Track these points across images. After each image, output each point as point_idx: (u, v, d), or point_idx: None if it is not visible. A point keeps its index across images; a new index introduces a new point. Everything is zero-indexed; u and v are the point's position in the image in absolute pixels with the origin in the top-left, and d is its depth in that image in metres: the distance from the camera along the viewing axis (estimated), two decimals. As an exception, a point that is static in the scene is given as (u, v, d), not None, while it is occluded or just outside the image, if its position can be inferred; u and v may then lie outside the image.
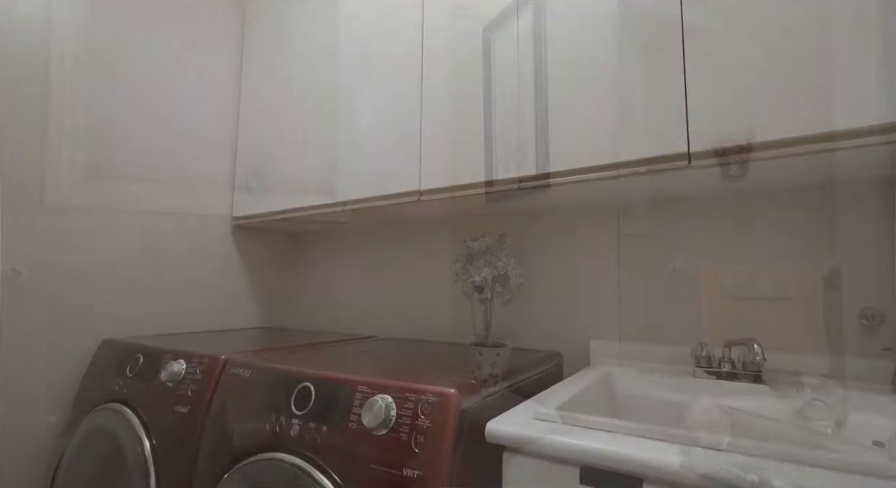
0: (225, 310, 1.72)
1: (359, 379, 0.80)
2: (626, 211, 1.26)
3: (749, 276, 1.08)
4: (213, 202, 1.71)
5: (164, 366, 1.06)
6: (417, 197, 1.26)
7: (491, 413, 0.76)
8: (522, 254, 1.42)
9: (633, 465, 0.58)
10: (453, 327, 1.53)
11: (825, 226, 1.02)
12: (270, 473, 0.80)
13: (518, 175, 1.09)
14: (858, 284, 0.98)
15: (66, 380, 1.29)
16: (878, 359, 0.92)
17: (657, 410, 0.99)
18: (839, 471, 0.51)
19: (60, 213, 1.30)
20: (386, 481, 0.70)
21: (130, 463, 0.99)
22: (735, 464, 0.53)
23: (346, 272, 1.85)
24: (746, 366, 0.96)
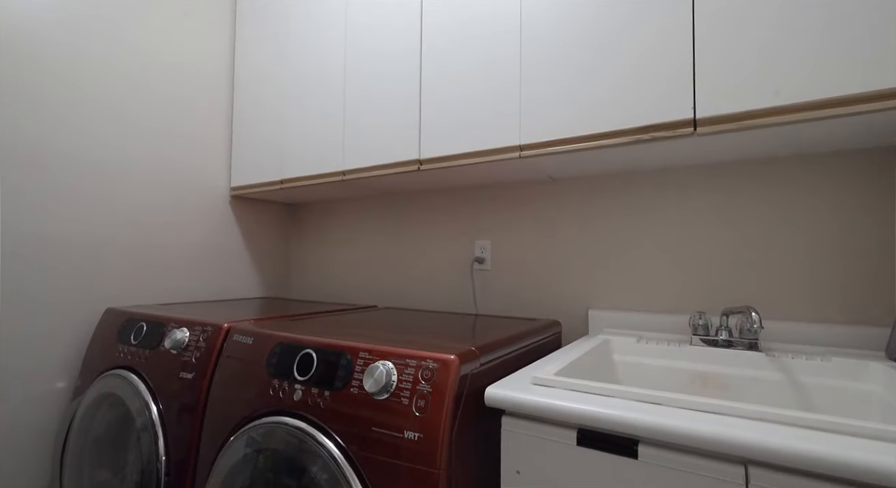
0: (225, 281, 1.74)
1: (360, 346, 0.81)
2: (626, 180, 1.25)
3: (748, 244, 1.08)
4: (210, 172, 1.69)
5: (168, 334, 1.08)
6: (417, 166, 1.24)
7: (490, 379, 0.78)
8: (522, 224, 1.42)
9: (629, 427, 0.59)
10: (453, 297, 1.54)
11: (826, 193, 1.01)
12: (274, 436, 0.82)
13: (519, 143, 1.08)
14: (857, 252, 0.98)
15: (72, 348, 1.31)
16: (874, 328, 0.93)
17: (654, 376, 1.01)
18: (831, 433, 0.52)
19: (55, 182, 1.29)
20: (387, 443, 0.72)
21: (139, 427, 1.02)
22: (731, 426, 0.54)
23: (347, 243, 1.85)
24: (744, 333, 0.97)
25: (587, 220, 1.31)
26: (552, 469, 0.66)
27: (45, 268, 1.26)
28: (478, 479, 0.75)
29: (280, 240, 1.99)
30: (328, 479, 0.75)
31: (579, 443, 0.64)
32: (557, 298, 1.34)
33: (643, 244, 1.22)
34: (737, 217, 1.11)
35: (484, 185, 1.50)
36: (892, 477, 0.45)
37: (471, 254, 1.52)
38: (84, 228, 1.34)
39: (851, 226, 0.99)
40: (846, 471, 0.47)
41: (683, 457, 0.56)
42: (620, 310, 1.22)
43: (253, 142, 1.67)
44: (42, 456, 1.25)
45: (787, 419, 0.55)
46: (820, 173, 1.03)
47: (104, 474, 1.14)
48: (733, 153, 1.04)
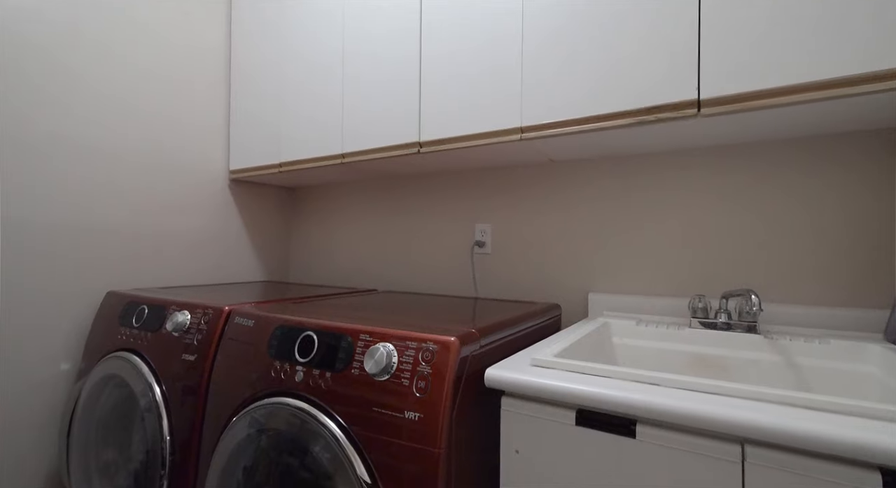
0: (225, 265, 1.74)
1: (360, 329, 0.82)
2: (628, 162, 1.24)
3: (748, 227, 1.08)
4: (209, 155, 1.68)
5: (169, 317, 1.08)
6: (417, 149, 1.23)
7: (490, 360, 0.79)
8: (523, 207, 1.41)
9: (627, 408, 0.60)
10: (453, 281, 1.55)
11: (827, 176, 1.01)
12: (277, 416, 0.83)
13: (521, 125, 1.06)
14: (858, 235, 0.97)
15: (75, 331, 1.32)
16: (872, 310, 0.94)
17: (652, 359, 1.02)
18: (827, 412, 0.53)
19: (53, 166, 1.28)
20: (388, 423, 0.73)
21: (143, 408, 1.03)
22: (728, 406, 0.55)
23: (347, 227, 1.85)
24: (743, 316, 0.97)
25: (588, 204, 1.30)
26: (551, 448, 0.67)
27: (45, 253, 1.26)
28: (478, 458, 0.76)
29: (280, 224, 1.98)
30: (330, 459, 0.76)
31: (578, 423, 0.65)
32: (557, 282, 1.35)
33: (644, 228, 1.22)
34: (738, 200, 1.10)
35: (484, 168, 1.49)
36: (887, 455, 0.46)
37: (471, 237, 1.52)
38: (83, 213, 1.34)
39: (852, 209, 0.98)
40: (841, 450, 0.48)
41: (680, 437, 0.57)
42: (620, 294, 1.23)
43: (251, 125, 1.65)
44: (49, 436, 1.27)
45: (783, 399, 0.56)
46: (821, 156, 1.02)
47: (110, 453, 1.16)
48: (735, 135, 1.03)
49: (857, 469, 0.48)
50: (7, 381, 1.19)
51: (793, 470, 0.51)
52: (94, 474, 1.16)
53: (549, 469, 0.67)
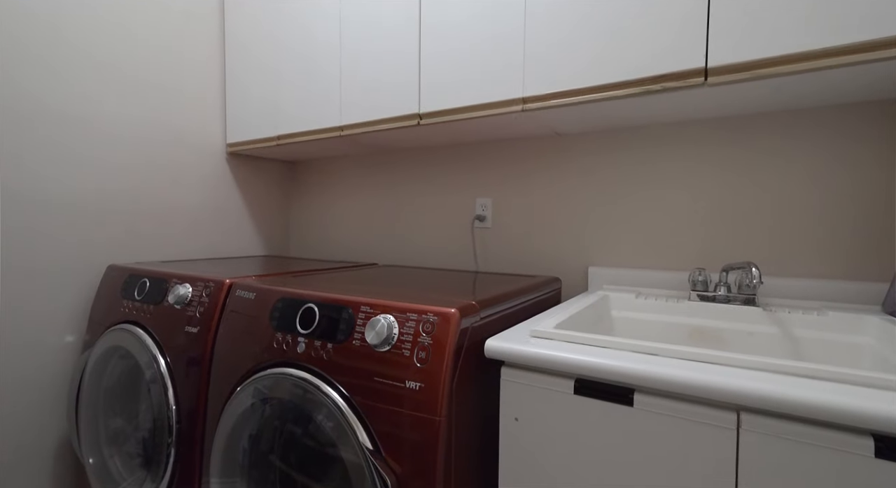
0: (224, 240, 1.74)
1: (361, 301, 0.82)
2: (630, 135, 1.22)
3: (750, 200, 1.07)
4: (205, 128, 1.65)
5: (171, 290, 1.09)
6: (417, 120, 1.21)
7: (490, 332, 0.79)
8: (524, 181, 1.40)
9: (625, 377, 0.60)
10: (454, 255, 1.55)
11: (829, 148, 0.99)
12: (280, 386, 0.84)
13: (523, 95, 1.04)
14: (859, 207, 0.97)
15: (78, 304, 1.33)
16: (873, 283, 0.94)
17: (651, 331, 1.03)
18: (820, 380, 0.53)
19: (49, 139, 1.26)
20: (390, 393, 0.74)
21: (149, 379, 1.05)
22: (724, 375, 0.55)
23: (347, 201, 1.84)
24: (742, 289, 0.97)
25: (589, 177, 1.29)
26: (549, 416, 0.68)
27: (44, 226, 1.26)
28: (477, 426, 0.78)
29: (279, 198, 1.97)
30: (333, 427, 0.78)
31: (576, 392, 0.66)
32: (558, 256, 1.35)
33: (645, 201, 1.21)
34: (740, 173, 1.09)
35: (486, 141, 1.47)
36: (879, 420, 0.46)
37: (472, 211, 1.51)
38: (81, 185, 1.33)
39: (855, 181, 0.97)
40: (834, 416, 0.48)
41: (677, 404, 0.58)
42: (620, 267, 1.23)
43: (247, 97, 1.62)
44: (58, 404, 1.30)
45: (778, 368, 0.56)
46: (824, 127, 1.00)
47: (118, 422, 1.19)
48: (739, 106, 1.01)
49: (849, 435, 0.49)
50: (13, 353, 1.21)
51: (786, 437, 0.52)
52: (103, 441, 1.19)
53: (548, 436, 0.68)
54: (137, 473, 1.11)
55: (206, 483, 0.94)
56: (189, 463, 0.99)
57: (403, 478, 0.71)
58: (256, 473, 0.92)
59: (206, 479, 0.94)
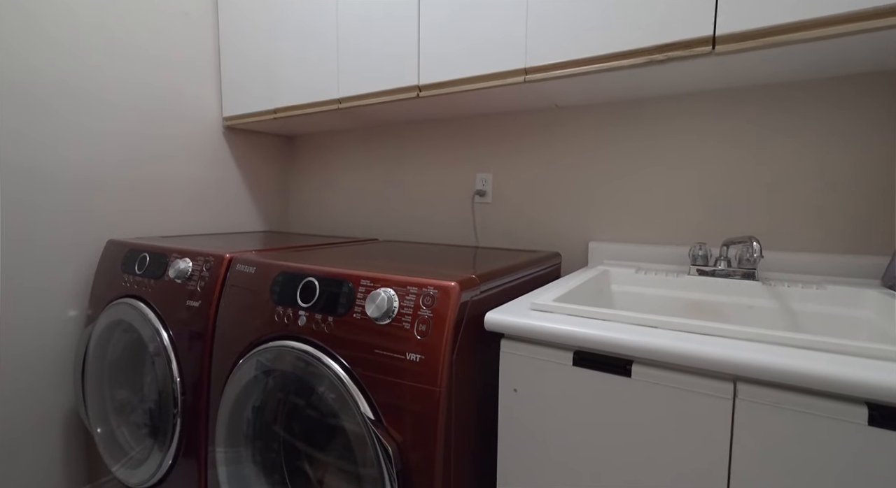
0: (223, 215, 1.73)
1: (361, 274, 0.82)
2: (633, 108, 1.20)
3: (751, 174, 1.06)
4: (201, 101, 1.62)
5: (171, 264, 1.09)
6: (416, 92, 1.19)
7: (489, 306, 0.79)
8: (524, 155, 1.38)
9: (624, 348, 0.61)
10: (454, 230, 1.54)
11: (831, 120, 0.98)
12: (282, 359, 0.85)
13: (525, 66, 1.01)
14: (861, 181, 0.96)
15: (79, 278, 1.33)
16: (873, 257, 0.94)
17: (650, 305, 1.03)
18: (816, 351, 0.54)
19: (43, 110, 1.24)
20: (390, 365, 0.75)
21: (153, 352, 1.06)
22: (721, 346, 0.56)
23: (346, 177, 1.82)
24: (742, 263, 0.97)
25: (590, 151, 1.27)
26: (548, 387, 0.69)
27: (43, 200, 1.25)
28: (477, 397, 0.79)
29: (278, 173, 1.95)
30: (335, 398, 0.79)
31: (575, 364, 0.66)
32: (558, 231, 1.34)
33: (646, 176, 1.20)
34: (741, 147, 1.07)
35: (486, 115, 1.45)
36: (873, 389, 0.47)
37: (472, 186, 1.50)
38: (78, 158, 1.31)
39: (857, 154, 0.96)
40: (829, 385, 0.49)
41: (675, 375, 0.59)
42: (621, 242, 1.23)
43: (243, 68, 1.58)
44: (65, 378, 1.32)
45: (775, 338, 0.57)
46: (826, 99, 0.98)
47: (124, 394, 1.21)
48: (744, 77, 0.98)
49: (844, 403, 0.49)
50: (18, 327, 1.22)
51: (781, 406, 0.53)
52: (110, 412, 1.21)
53: (546, 406, 0.69)
54: (145, 442, 1.14)
55: (211, 452, 0.97)
56: (195, 432, 1.01)
57: (404, 447, 0.73)
58: (260, 443, 0.94)
59: (211, 448, 0.97)
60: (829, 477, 0.51)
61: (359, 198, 1.79)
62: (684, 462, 0.59)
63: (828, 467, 0.51)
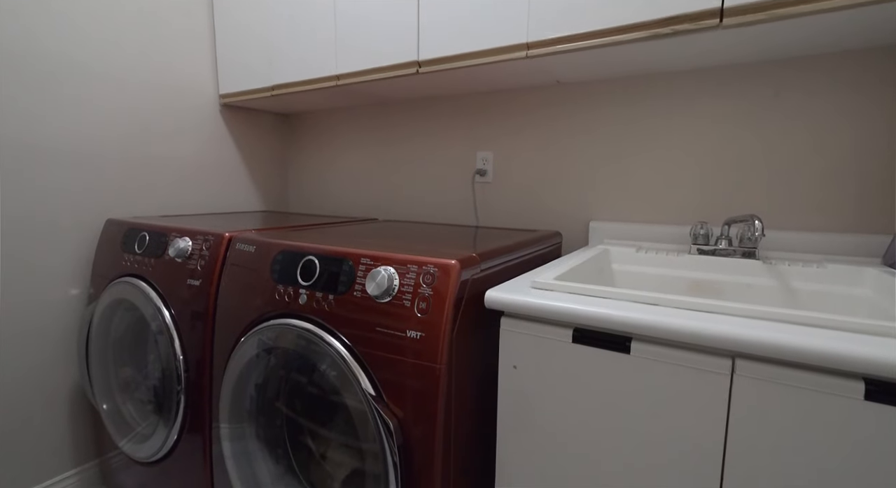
0: (221, 194, 1.72)
1: (361, 253, 0.82)
2: (635, 85, 1.17)
3: (753, 153, 1.04)
4: (197, 77, 1.59)
5: (171, 243, 1.09)
6: (416, 69, 1.16)
7: (490, 284, 0.80)
8: (526, 134, 1.37)
9: (623, 325, 0.61)
10: (454, 210, 1.54)
11: (833, 97, 0.96)
12: (284, 337, 0.86)
13: (527, 40, 0.99)
14: (863, 158, 0.95)
15: (79, 257, 1.33)
16: (875, 235, 0.93)
17: (650, 284, 1.04)
18: (814, 327, 0.54)
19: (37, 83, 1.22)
20: (391, 342, 0.75)
21: (155, 331, 1.07)
22: (720, 323, 0.56)
23: (345, 156, 1.80)
24: (744, 242, 0.97)
25: (592, 129, 1.26)
26: (547, 364, 0.69)
27: (41, 177, 1.24)
28: (477, 374, 0.80)
29: (276, 152, 1.93)
30: (337, 375, 0.80)
31: (574, 341, 0.67)
32: (559, 210, 1.34)
33: (648, 155, 1.18)
34: (743, 126, 1.06)
35: (487, 92, 1.42)
36: (870, 364, 0.47)
37: (472, 165, 1.48)
38: (73, 136, 1.29)
39: (858, 132, 0.95)
40: (827, 361, 0.49)
41: (673, 352, 0.59)
42: (622, 222, 1.22)
43: (239, 45, 1.54)
44: (70, 355, 1.34)
45: (773, 315, 0.57)
46: (828, 75, 0.97)
47: (128, 371, 1.23)
48: (748, 52, 0.96)
49: (841, 378, 0.50)
50: (22, 306, 1.23)
51: (778, 382, 0.53)
52: (115, 389, 1.23)
53: (545, 383, 0.70)
54: (150, 418, 1.16)
55: (216, 427, 0.98)
56: (199, 409, 1.03)
57: (405, 422, 0.74)
58: (263, 419, 0.96)
59: (215, 424, 0.98)
60: (825, 451, 0.51)
61: (358, 178, 1.77)
62: (681, 437, 0.60)
63: (823, 441, 0.51)
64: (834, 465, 0.51)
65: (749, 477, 0.56)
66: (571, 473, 0.69)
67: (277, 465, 0.96)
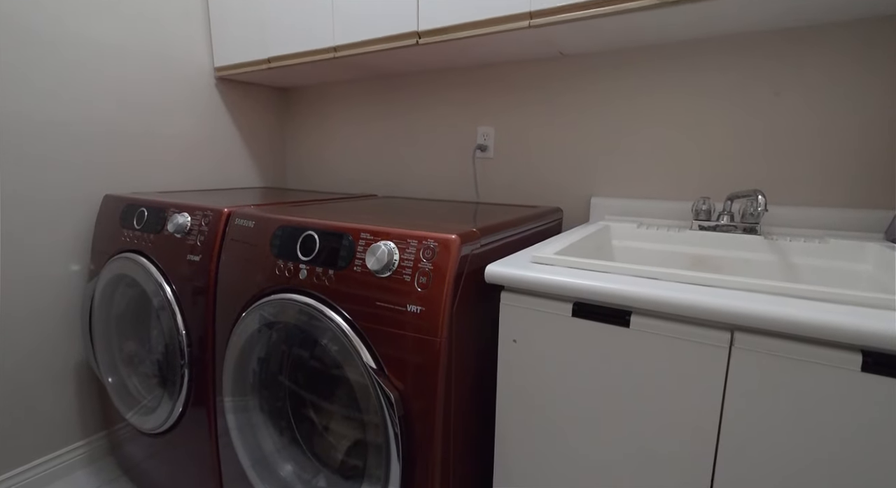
0: (218, 170, 1.70)
1: (361, 227, 0.81)
2: (638, 56, 1.14)
3: (756, 127, 1.03)
4: (191, 49, 1.55)
5: (170, 219, 1.08)
6: (415, 39, 1.13)
7: (490, 259, 0.79)
8: (527, 109, 1.34)
9: (623, 299, 0.61)
10: (454, 186, 1.52)
11: (837, 70, 0.94)
12: (285, 311, 0.87)
13: (530, 9, 0.96)
14: (867, 132, 0.93)
15: (78, 233, 1.33)
16: (878, 210, 0.93)
17: (650, 260, 1.03)
18: (814, 301, 0.54)
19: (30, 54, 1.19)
20: (392, 317, 0.76)
21: (157, 306, 1.08)
22: (719, 296, 0.56)
23: (344, 131, 1.78)
24: (746, 218, 0.97)
25: (595, 104, 1.23)
26: (547, 338, 0.70)
27: (37, 153, 1.22)
28: (476, 348, 0.81)
29: (274, 128, 1.90)
30: (338, 350, 0.81)
31: (574, 315, 0.67)
32: (560, 186, 1.33)
33: (650, 130, 1.16)
34: (744, 100, 1.04)
35: (489, 64, 1.39)
36: (867, 336, 0.47)
37: (473, 141, 1.46)
38: (67, 110, 1.27)
39: (860, 106, 0.93)
40: (824, 333, 0.49)
41: (673, 325, 0.59)
42: (623, 197, 1.21)
43: (234, 17, 1.50)
44: (74, 330, 1.35)
45: (772, 288, 0.57)
46: (830, 47, 0.94)
47: (132, 346, 1.24)
48: (754, 20, 0.93)
49: (838, 350, 0.50)
50: (24, 282, 1.23)
51: (776, 354, 0.53)
52: (119, 363, 1.25)
53: (544, 356, 0.71)
54: (155, 391, 1.18)
55: (220, 401, 1.00)
56: (203, 383, 1.04)
57: (406, 395, 0.75)
58: (267, 392, 0.97)
59: (219, 398, 1.00)
60: (820, 422, 0.52)
61: (357, 154, 1.75)
62: (678, 409, 0.60)
63: (819, 412, 0.52)
64: (829, 435, 0.52)
65: (744, 447, 0.57)
66: (570, 444, 0.71)
67: (281, 437, 0.98)
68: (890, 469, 0.49)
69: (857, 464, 0.51)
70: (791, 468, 0.54)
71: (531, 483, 0.76)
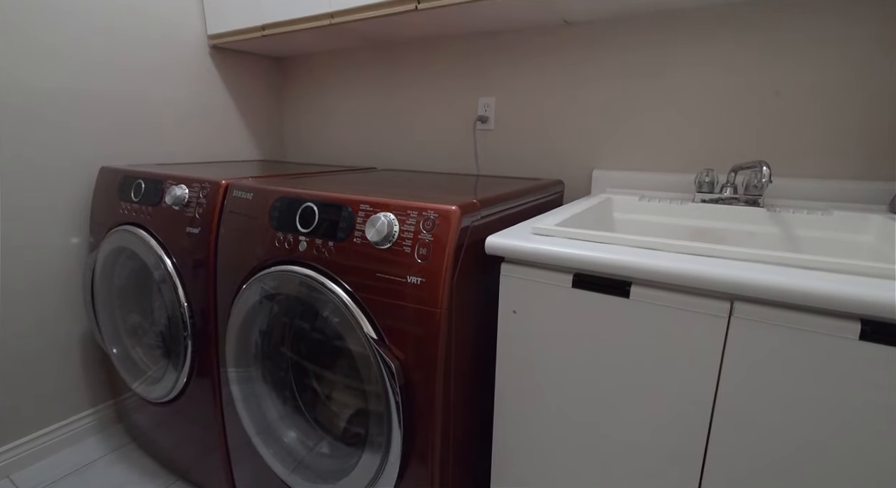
0: (215, 142, 1.67)
1: (360, 199, 0.81)
2: (641, 24, 1.11)
3: (760, 98, 1.00)
4: (183, 15, 1.50)
5: (168, 191, 1.07)
6: (414, 4, 1.09)
7: (490, 231, 0.79)
8: (529, 80, 1.31)
9: (623, 270, 0.61)
10: (454, 158, 1.50)
11: (837, 39, 0.91)
12: (285, 283, 0.87)
13: (533, -29, 0.92)
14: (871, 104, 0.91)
15: (77, 205, 1.32)
16: (882, 182, 0.92)
17: (651, 232, 1.03)
18: (814, 270, 0.54)
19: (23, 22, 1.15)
20: (392, 288, 0.76)
21: (158, 279, 1.08)
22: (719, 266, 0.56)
23: (342, 102, 1.74)
24: (749, 190, 0.96)
25: (598, 75, 1.20)
26: (547, 308, 0.70)
27: (32, 124, 1.20)
28: (476, 318, 0.81)
29: (270, 99, 1.86)
30: (339, 322, 0.81)
31: (574, 286, 0.67)
32: (562, 158, 1.31)
33: (654, 100, 1.14)
34: (747, 71, 1.01)
35: (490, 32, 1.35)
36: (866, 305, 0.48)
37: (473, 112, 1.44)
38: (61, 81, 1.24)
39: (863, 77, 0.91)
40: (824, 302, 0.50)
41: (673, 295, 0.60)
42: (625, 170, 1.20)
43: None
44: (77, 302, 1.36)
45: (772, 258, 0.57)
46: (831, 17, 0.91)
47: (135, 318, 1.25)
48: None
49: (837, 319, 0.50)
50: (24, 254, 1.23)
51: (775, 323, 0.54)
52: (123, 334, 1.26)
53: (544, 327, 0.71)
54: (160, 362, 1.19)
55: (223, 371, 1.01)
56: (206, 354, 1.06)
57: (406, 364, 0.76)
58: (270, 363, 0.99)
59: (223, 369, 1.01)
60: (818, 390, 0.53)
61: (356, 126, 1.72)
62: (678, 378, 0.61)
63: (816, 380, 0.53)
64: (826, 403, 0.53)
65: (740, 414, 0.58)
66: (568, 413, 0.72)
67: (285, 406, 1.00)
68: (887, 435, 0.50)
69: (854, 431, 0.52)
70: (788, 436, 0.55)
71: (529, 449, 0.78)
